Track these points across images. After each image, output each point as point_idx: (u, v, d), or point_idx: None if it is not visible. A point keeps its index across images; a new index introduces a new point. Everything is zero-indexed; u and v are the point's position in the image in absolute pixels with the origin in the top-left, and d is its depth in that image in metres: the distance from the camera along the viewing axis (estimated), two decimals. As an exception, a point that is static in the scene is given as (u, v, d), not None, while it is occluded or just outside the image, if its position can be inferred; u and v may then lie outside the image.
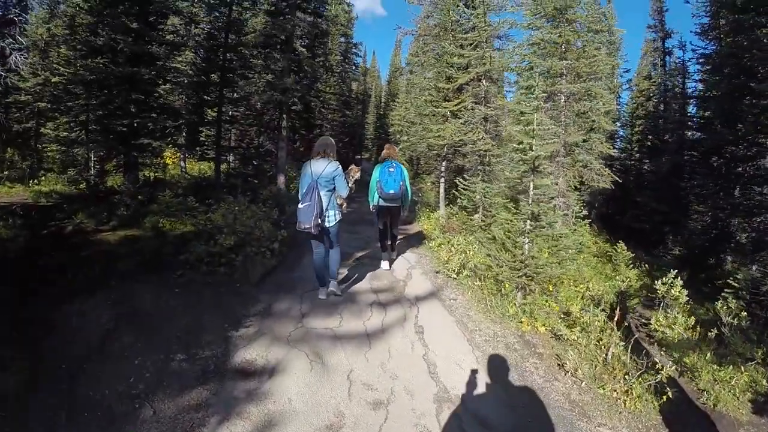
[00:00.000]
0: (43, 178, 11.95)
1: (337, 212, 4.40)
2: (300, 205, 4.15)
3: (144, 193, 8.00)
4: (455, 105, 7.17)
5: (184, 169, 15.06)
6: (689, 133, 17.60)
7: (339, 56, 23.66)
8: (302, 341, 3.79)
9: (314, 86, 14.15)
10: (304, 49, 13.14)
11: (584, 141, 7.50)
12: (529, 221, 5.06)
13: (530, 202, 5.02)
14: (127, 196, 7.92)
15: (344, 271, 5.68)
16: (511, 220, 5.25)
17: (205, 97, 13.06)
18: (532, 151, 4.89)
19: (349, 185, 4.57)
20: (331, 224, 4.35)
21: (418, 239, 8.23)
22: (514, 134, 7.18)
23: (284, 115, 11.68)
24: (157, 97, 8.58)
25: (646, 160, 19.76)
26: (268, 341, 3.76)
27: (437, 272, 6.12)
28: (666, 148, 18.47)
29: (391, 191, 5.41)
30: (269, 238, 6.03)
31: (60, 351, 3.37)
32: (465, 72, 7.31)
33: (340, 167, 4.34)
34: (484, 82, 7.18)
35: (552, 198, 5.09)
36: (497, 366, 3.73)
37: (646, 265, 10.39)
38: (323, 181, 4.21)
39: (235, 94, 13.28)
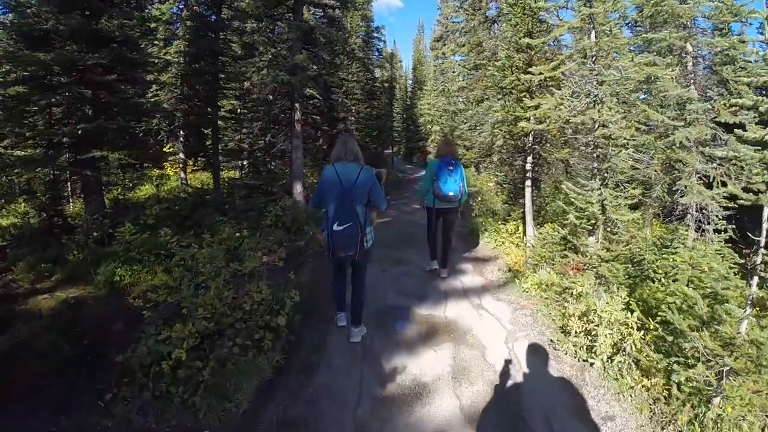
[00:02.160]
0: (13, 206, 9.97)
1: (372, 230, 3.48)
2: (336, 227, 3.12)
3: (103, 228, 5.71)
4: (553, 68, 4.43)
5: (185, 181, 12.83)
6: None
7: (360, 40, 20.72)
8: None
9: (333, 65, 11.38)
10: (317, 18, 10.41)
11: (733, 123, 4.66)
12: (757, 278, 2.61)
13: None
14: (82, 234, 5.67)
15: (406, 364, 3.28)
16: (724, 277, 2.75)
17: (199, 88, 10.49)
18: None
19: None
20: (369, 246, 3.40)
21: (493, 268, 5.66)
22: (655, 116, 4.53)
23: (296, 104, 9.09)
24: (117, 92, 6.22)
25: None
26: None
27: (556, 348, 3.61)
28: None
29: (451, 193, 4.72)
30: (269, 307, 3.60)
31: None
32: (562, 22, 4.55)
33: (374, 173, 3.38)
34: (593, 33, 4.43)
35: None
36: None
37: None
38: (359, 193, 3.16)
39: (244, 84, 10.86)
